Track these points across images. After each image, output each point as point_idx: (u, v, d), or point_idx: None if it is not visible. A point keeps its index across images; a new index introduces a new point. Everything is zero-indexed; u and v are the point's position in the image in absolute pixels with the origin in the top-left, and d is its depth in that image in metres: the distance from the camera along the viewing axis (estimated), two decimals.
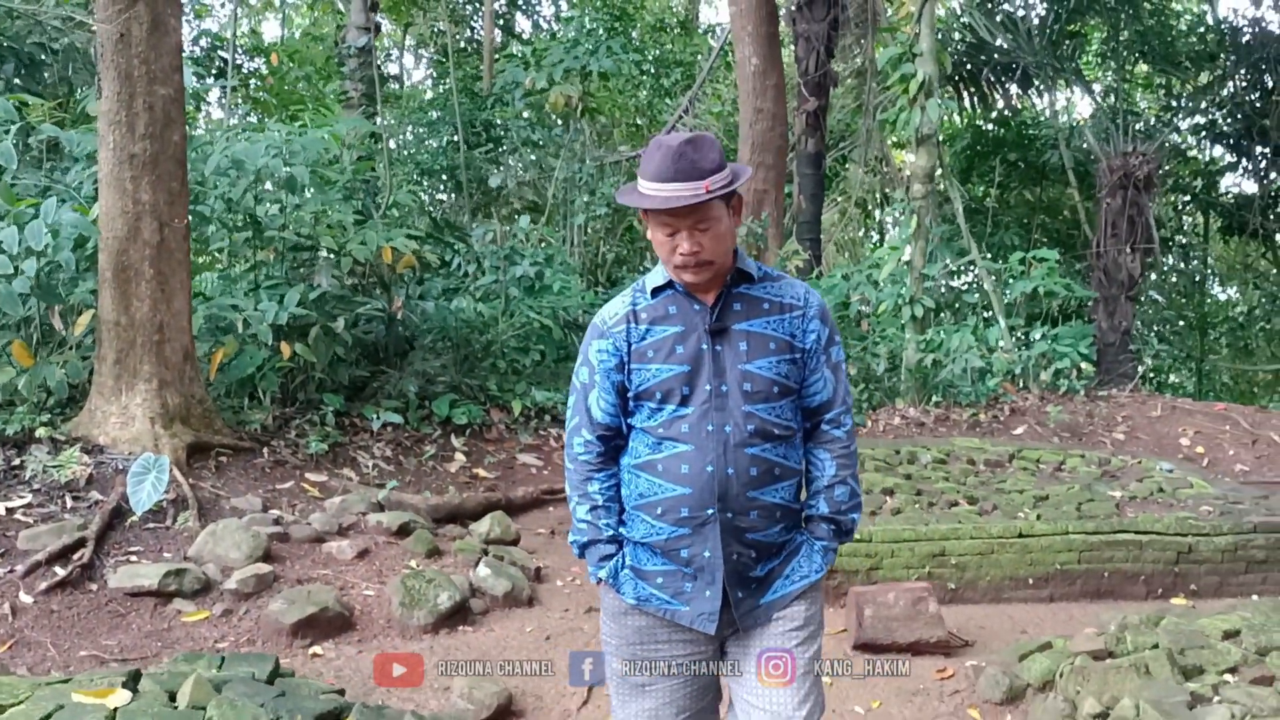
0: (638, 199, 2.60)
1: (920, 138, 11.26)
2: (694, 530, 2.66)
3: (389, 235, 8.54)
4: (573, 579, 6.57)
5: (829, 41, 16.29)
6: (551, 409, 9.60)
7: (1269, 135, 18.74)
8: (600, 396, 2.75)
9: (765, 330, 2.69)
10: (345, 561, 6.06)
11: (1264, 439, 10.02)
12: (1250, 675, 4.27)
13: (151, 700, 3.34)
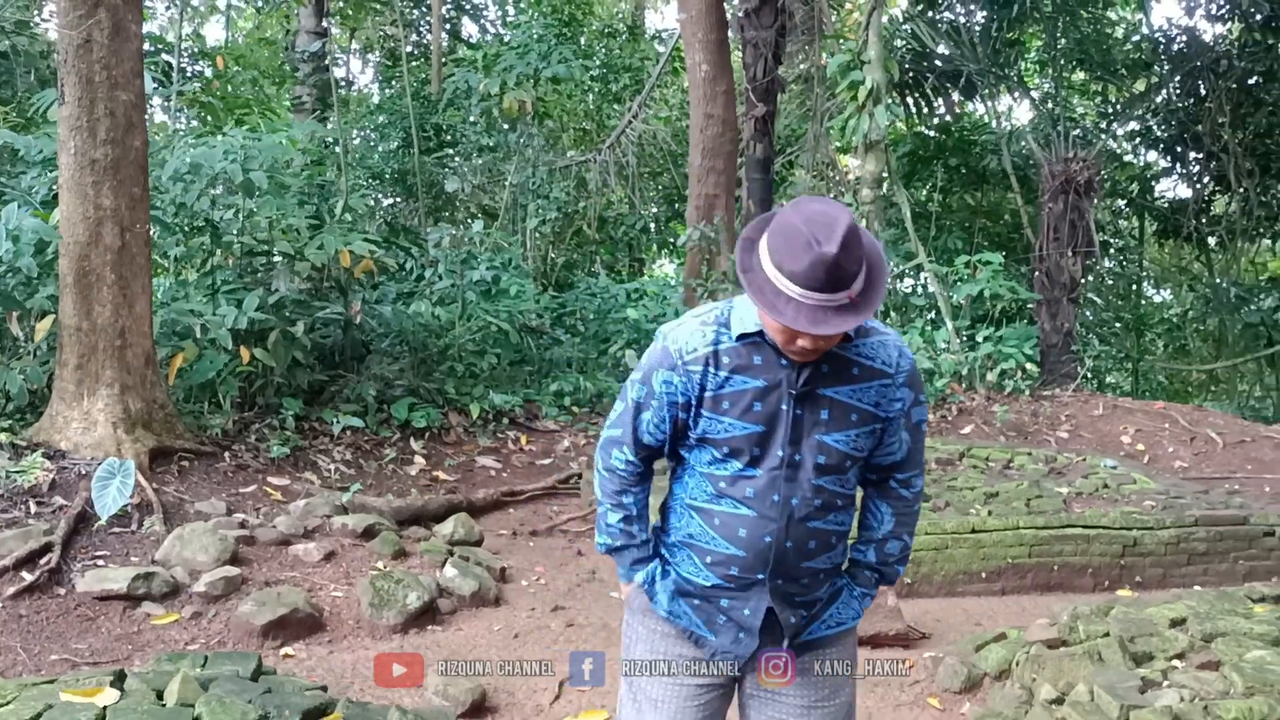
0: (771, 303, 2.25)
1: (869, 143, 11.49)
2: (740, 589, 2.53)
3: (347, 240, 8.57)
4: (537, 578, 6.67)
5: (776, 48, 16.47)
6: (509, 412, 9.69)
7: (1202, 141, 19.25)
8: (653, 422, 2.54)
9: (850, 399, 2.47)
10: (312, 564, 6.11)
11: (1201, 436, 10.34)
12: (1197, 661, 4.46)
13: (140, 698, 3.39)
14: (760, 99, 16.21)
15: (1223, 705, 4.01)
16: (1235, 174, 18.84)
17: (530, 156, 13.00)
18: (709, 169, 13.70)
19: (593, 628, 5.81)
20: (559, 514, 8.12)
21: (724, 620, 2.58)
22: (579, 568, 6.96)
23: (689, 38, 13.97)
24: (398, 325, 9.36)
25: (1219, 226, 20.32)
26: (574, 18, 19.17)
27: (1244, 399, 19.27)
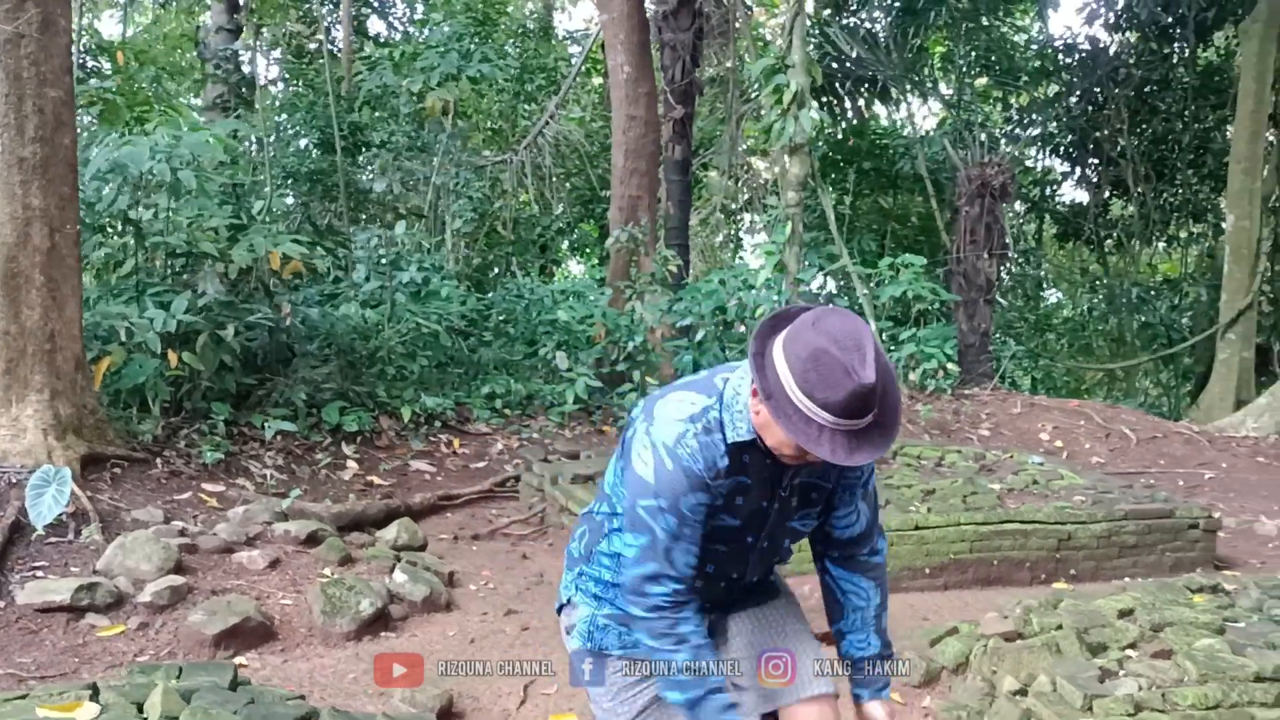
0: (804, 433, 2.17)
1: (793, 147, 11.62)
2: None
3: (276, 241, 8.42)
4: (485, 582, 6.62)
5: (694, 50, 16.62)
6: (441, 415, 9.60)
7: (1101, 147, 19.89)
8: (687, 549, 2.39)
9: (813, 479, 2.49)
10: (257, 571, 5.98)
11: (1115, 433, 10.68)
12: (1149, 650, 4.61)
13: (120, 712, 3.30)
14: (678, 101, 16.32)
15: (1179, 692, 4.15)
16: (1132, 179, 19.48)
17: (452, 157, 12.88)
18: (632, 170, 13.70)
19: (548, 630, 5.77)
20: (499, 517, 8.07)
21: None
22: (525, 571, 6.93)
23: (611, 39, 13.96)
24: (325, 328, 9.20)
25: (1116, 229, 21.01)
26: (488, 16, 19.07)
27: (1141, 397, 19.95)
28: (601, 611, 2.59)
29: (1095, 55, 19.95)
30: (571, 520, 7.32)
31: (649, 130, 14.04)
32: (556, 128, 17.13)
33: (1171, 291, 20.19)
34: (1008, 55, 20.28)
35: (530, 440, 9.81)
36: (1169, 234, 20.87)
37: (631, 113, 13.84)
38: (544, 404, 10.54)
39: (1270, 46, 14.43)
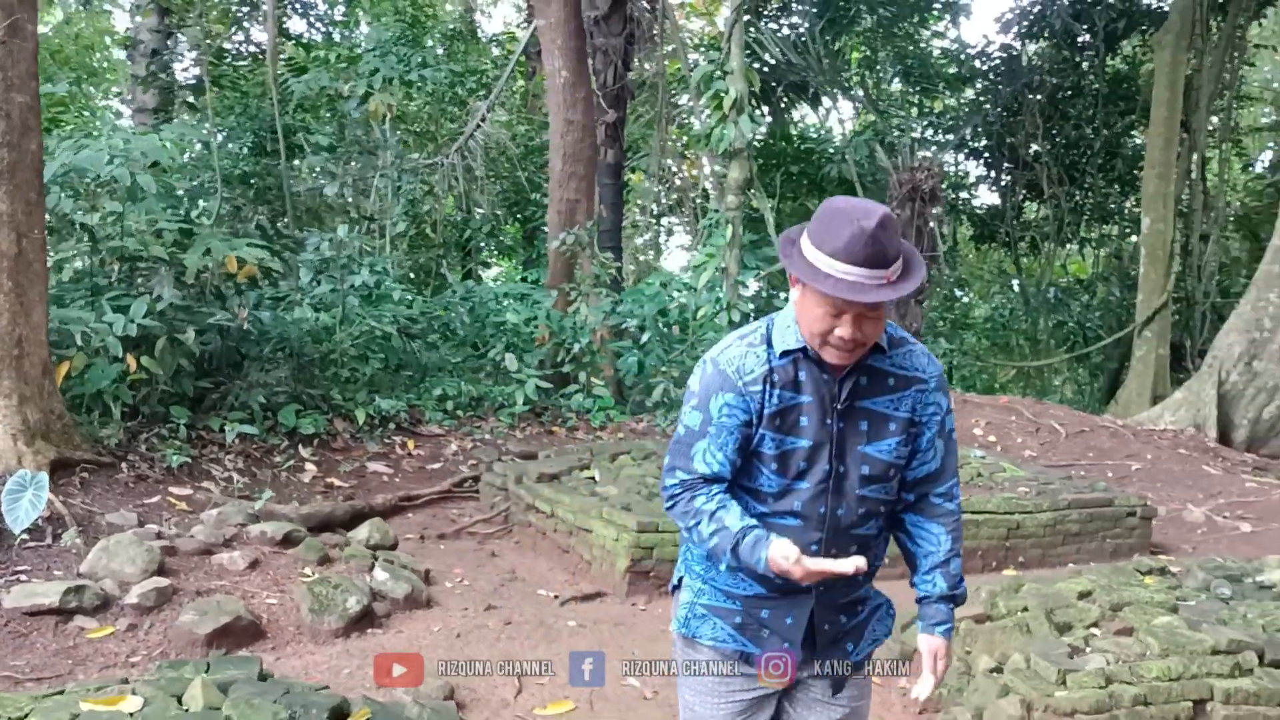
0: (813, 274, 2.33)
1: (733, 152, 11.87)
2: (783, 596, 2.57)
3: (232, 245, 8.43)
4: (460, 580, 6.74)
5: (626, 55, 16.85)
6: (394, 417, 9.67)
7: (1016, 151, 20.54)
8: (709, 450, 2.52)
9: (888, 409, 2.54)
10: (238, 572, 6.03)
11: (1045, 428, 11.11)
12: (1112, 628, 4.91)
13: (164, 705, 3.39)
14: (610, 105, 16.54)
15: (1144, 666, 4.45)
16: (1046, 182, 20.14)
17: (395, 160, 12.91)
18: (570, 174, 13.85)
19: (530, 625, 5.94)
20: (461, 517, 8.19)
21: (768, 634, 2.60)
22: (496, 568, 7.07)
23: (548, 44, 14.10)
24: (279, 331, 9.22)
25: (1031, 231, 21.69)
26: (416, 19, 19.07)
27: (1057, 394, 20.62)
28: (701, 600, 2.64)
29: (1010, 63, 20.62)
30: (538, 519, 7.48)
31: (586, 134, 14.21)
32: (489, 130, 17.20)
33: (1084, 291, 20.89)
34: (925, 62, 20.85)
35: (483, 441, 9.93)
36: (1081, 236, 21.62)
37: (569, 117, 13.99)
38: (493, 405, 10.66)
39: (1181, 57, 15.10)
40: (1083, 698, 4.27)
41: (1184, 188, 17.19)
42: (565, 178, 13.88)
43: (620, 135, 17.03)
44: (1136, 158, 20.77)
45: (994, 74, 20.78)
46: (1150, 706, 4.33)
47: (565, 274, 13.52)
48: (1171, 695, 4.37)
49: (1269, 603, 5.27)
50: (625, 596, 6.44)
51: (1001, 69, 20.60)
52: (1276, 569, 5.75)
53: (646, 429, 10.88)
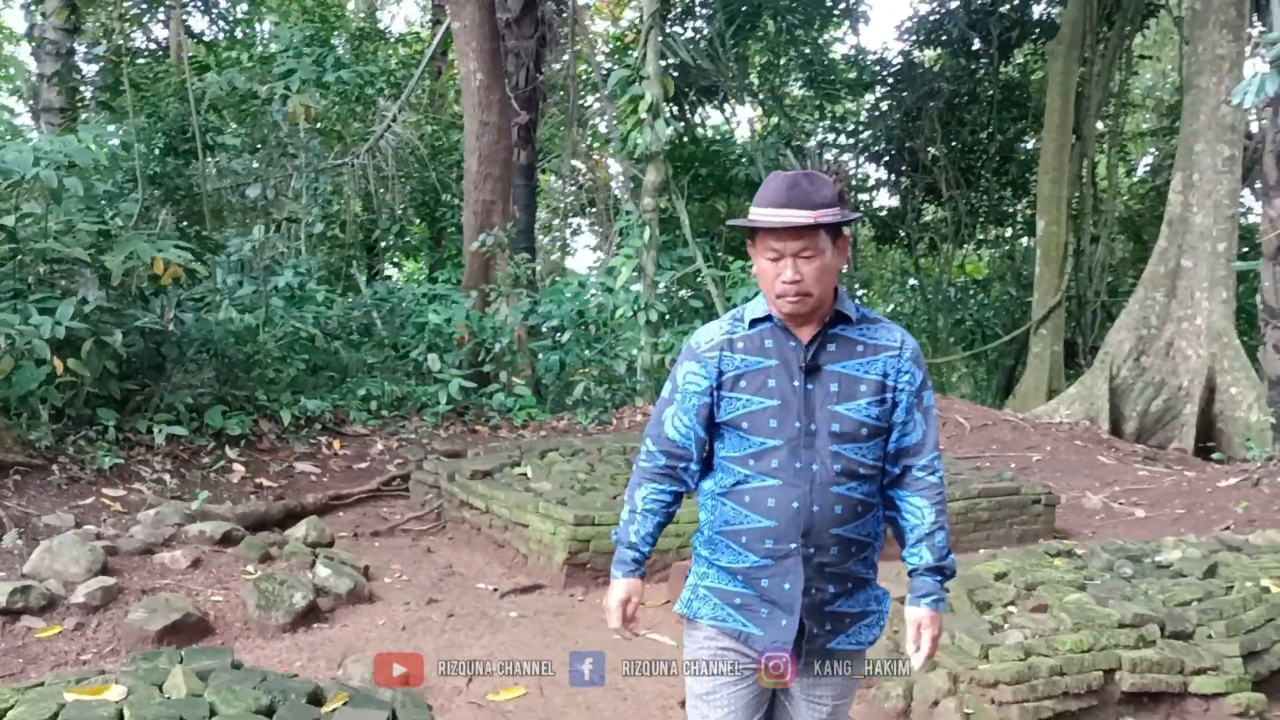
0: (748, 222, 2.65)
1: (649, 155, 12.14)
2: (776, 562, 2.68)
3: (158, 246, 8.42)
4: (399, 575, 6.87)
5: (538, 57, 17.03)
6: (320, 417, 9.72)
7: (916, 155, 21.17)
8: (678, 415, 2.80)
9: (857, 372, 2.71)
10: (180, 571, 6.10)
11: (951, 422, 11.58)
12: (1027, 605, 5.28)
13: (145, 694, 3.51)
14: (523, 107, 16.70)
15: (1059, 639, 4.81)
16: (944, 185, 20.81)
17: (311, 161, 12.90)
18: (485, 175, 13.96)
19: (472, 617, 6.11)
20: (392, 515, 8.30)
21: (767, 612, 2.71)
22: (433, 564, 7.21)
23: (462, 47, 14.19)
24: (202, 333, 9.21)
25: (929, 233, 22.38)
26: (324, 19, 18.99)
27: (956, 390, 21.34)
28: (704, 582, 2.80)
29: (909, 70, 21.26)
30: (472, 515, 7.64)
31: (501, 136, 14.33)
32: (396, 131, 17.21)
33: (981, 291, 21.61)
34: (828, 67, 21.36)
35: (407, 441, 10.03)
36: (977, 237, 22.37)
37: (484, 119, 14.11)
38: (416, 405, 10.75)
39: (1073, 67, 15.79)
40: (1004, 669, 4.60)
41: (1075, 192, 17.92)
42: (481, 179, 13.99)
43: (532, 137, 17.22)
44: (1028, 162, 21.60)
45: (894, 80, 21.40)
46: (1065, 676, 4.69)
47: (482, 275, 13.64)
48: (1084, 666, 4.73)
49: (1167, 580, 5.69)
50: (563, 588, 6.64)
51: (901, 75, 21.22)
52: (1173, 550, 6.19)
53: (567, 427, 11.08)
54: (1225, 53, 12.86)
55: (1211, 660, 4.90)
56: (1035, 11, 20.55)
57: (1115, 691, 4.79)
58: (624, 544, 2.87)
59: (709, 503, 2.81)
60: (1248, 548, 6.54)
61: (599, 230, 19.16)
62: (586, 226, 23.69)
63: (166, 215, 12.48)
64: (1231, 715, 4.78)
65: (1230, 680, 4.84)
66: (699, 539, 2.86)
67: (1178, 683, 4.84)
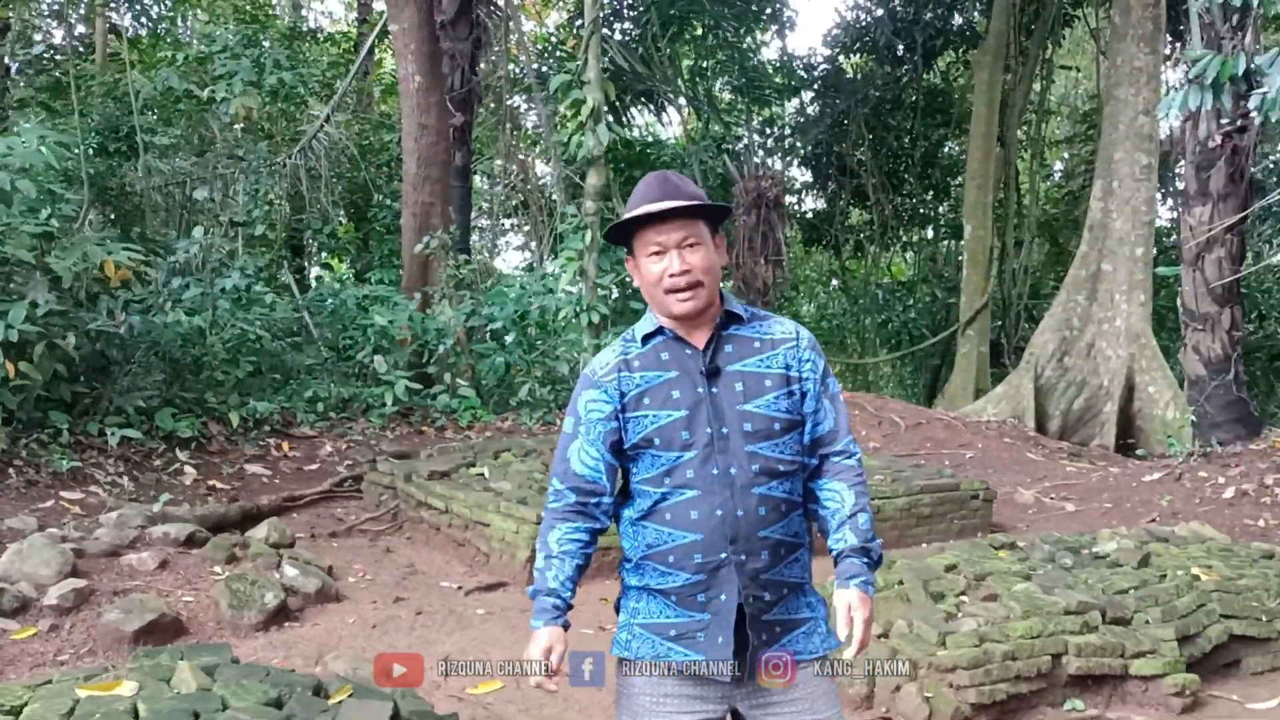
0: (636, 213, 2.60)
1: (591, 159, 12.30)
2: (709, 575, 2.58)
3: (108, 248, 8.40)
4: (362, 574, 6.98)
5: (473, 59, 17.08)
6: (269, 419, 9.75)
7: (844, 159, 21.62)
8: (583, 449, 2.69)
9: (759, 368, 2.66)
10: (149, 572, 6.16)
11: (886, 420, 11.93)
12: (979, 595, 5.56)
13: (155, 689, 3.62)
14: (458, 109, 16.74)
15: (1010, 626, 5.10)
16: (871, 189, 21.28)
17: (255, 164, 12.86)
18: (425, 177, 14.04)
19: (440, 614, 6.25)
20: (347, 515, 8.38)
21: (704, 635, 2.61)
22: (394, 563, 7.32)
23: (401, 49, 14.25)
24: (151, 336, 9.18)
25: (855, 235, 22.86)
26: (255, 18, 18.85)
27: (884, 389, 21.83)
28: (636, 620, 2.69)
29: (836, 75, 21.70)
30: (431, 514, 7.77)
31: (440, 138, 14.43)
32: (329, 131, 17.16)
33: (907, 293, 22.13)
34: (757, 72, 21.69)
35: (355, 442, 10.10)
36: (902, 240, 22.91)
37: (424, 121, 14.19)
38: (362, 406, 10.81)
39: (998, 75, 16.30)
40: (961, 655, 4.88)
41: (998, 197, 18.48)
42: (420, 181, 14.07)
43: (468, 139, 17.26)
44: (951, 167, 22.19)
45: (822, 85, 21.81)
46: (1017, 661, 4.97)
47: (422, 276, 13.71)
48: (1034, 650, 5.02)
49: (1104, 570, 6.03)
50: (526, 585, 6.78)
51: (829, 81, 21.64)
52: (1109, 541, 6.53)
53: (512, 427, 11.21)
54: (1143, 65, 13.40)
55: (1149, 644, 5.22)
56: (957, 20, 21.11)
57: (1062, 674, 5.09)
58: (543, 592, 2.64)
59: (630, 530, 2.71)
60: (1174, 539, 6.92)
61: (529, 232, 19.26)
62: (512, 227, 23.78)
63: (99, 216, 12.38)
64: (1168, 694, 5.10)
65: (1167, 662, 5.16)
66: (625, 570, 2.74)
67: (1119, 665, 5.15)
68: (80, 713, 3.42)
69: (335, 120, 18.33)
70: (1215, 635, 5.54)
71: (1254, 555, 6.62)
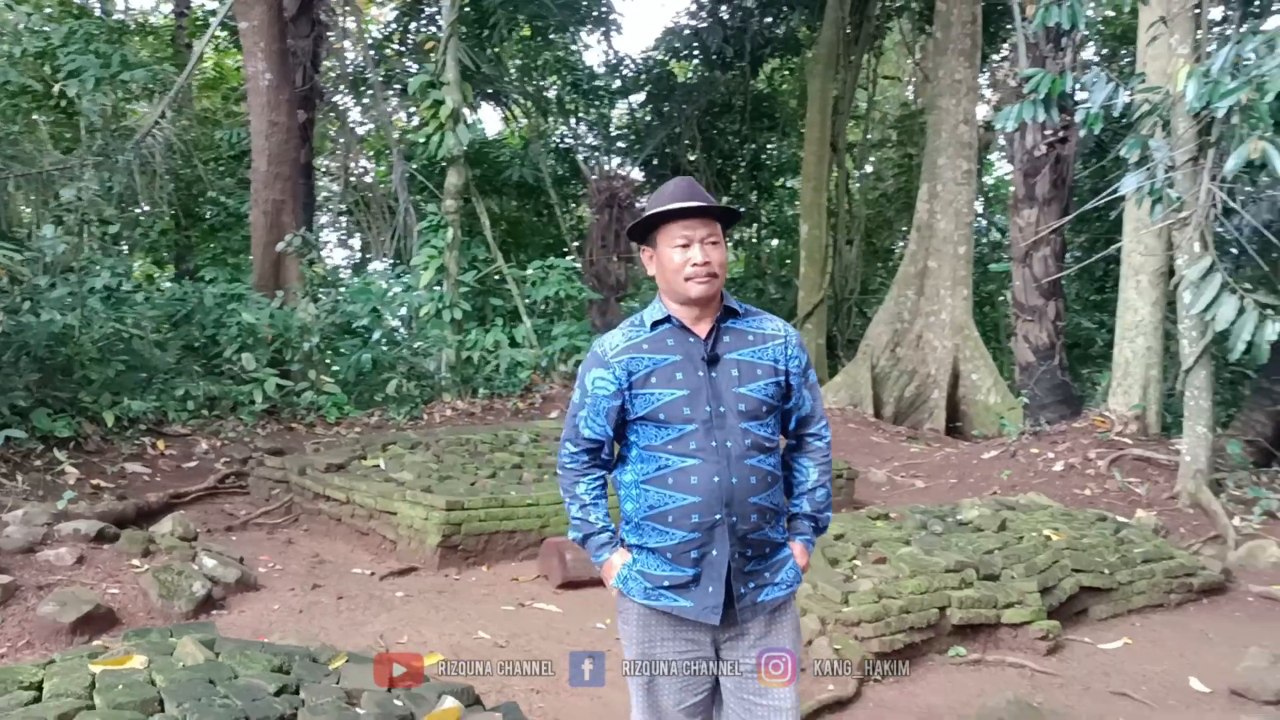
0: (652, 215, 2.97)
1: (451, 158, 12.57)
2: (704, 534, 2.93)
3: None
4: (273, 565, 7.14)
5: (314, 57, 17.03)
6: (142, 417, 9.69)
7: (677, 160, 22.31)
8: (589, 418, 3.05)
9: (752, 358, 3.02)
10: (68, 567, 6.20)
11: None
12: (869, 559, 6.17)
13: (163, 663, 3.83)
14: (301, 106, 16.67)
15: (901, 584, 5.73)
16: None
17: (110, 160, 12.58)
18: (275, 175, 13.99)
19: (361, 598, 6.50)
20: (237, 510, 8.47)
21: (695, 585, 2.97)
22: (298, 554, 7.49)
23: (250, 46, 14.15)
24: (21, 336, 9.02)
25: None
26: (84, 11, 18.27)
27: None
28: (635, 567, 3.05)
29: (668, 79, 22.39)
30: (330, 506, 7.97)
31: (289, 136, 14.39)
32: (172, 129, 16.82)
33: (738, 289, 22.98)
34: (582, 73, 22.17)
35: (229, 440, 10.13)
36: (733, 239, 23.77)
37: (274, 118, 14.13)
38: (231, 404, 10.81)
39: (829, 85, 17.22)
40: (864, 611, 5.47)
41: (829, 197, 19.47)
42: (271, 179, 14.02)
43: (310, 136, 17.20)
44: (778, 168, 23.17)
45: (654, 88, 22.46)
46: (911, 614, 5.60)
47: (274, 274, 13.69)
48: (924, 605, 5.66)
49: (970, 534, 6.76)
50: (437, 569, 7.10)
51: (661, 84, 22.30)
52: (970, 510, 7.27)
53: (380, 423, 11.39)
54: (962, 78, 14.48)
55: (1017, 596, 5.93)
56: (782, 30, 22.06)
57: (947, 625, 5.75)
58: (594, 533, 3.10)
59: (632, 492, 3.04)
60: (1020, 507, 7.73)
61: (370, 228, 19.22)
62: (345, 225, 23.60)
63: None
64: (1035, 639, 5.83)
65: (1032, 611, 5.88)
66: (625, 529, 3.11)
67: (993, 615, 5.85)
68: (102, 684, 3.61)
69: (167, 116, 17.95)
70: (1069, 587, 6.32)
71: (1090, 519, 7.48)
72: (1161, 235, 9.43)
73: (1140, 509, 8.37)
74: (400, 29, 21.39)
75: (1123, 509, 8.49)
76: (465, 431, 9.72)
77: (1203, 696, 5.29)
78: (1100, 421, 9.95)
